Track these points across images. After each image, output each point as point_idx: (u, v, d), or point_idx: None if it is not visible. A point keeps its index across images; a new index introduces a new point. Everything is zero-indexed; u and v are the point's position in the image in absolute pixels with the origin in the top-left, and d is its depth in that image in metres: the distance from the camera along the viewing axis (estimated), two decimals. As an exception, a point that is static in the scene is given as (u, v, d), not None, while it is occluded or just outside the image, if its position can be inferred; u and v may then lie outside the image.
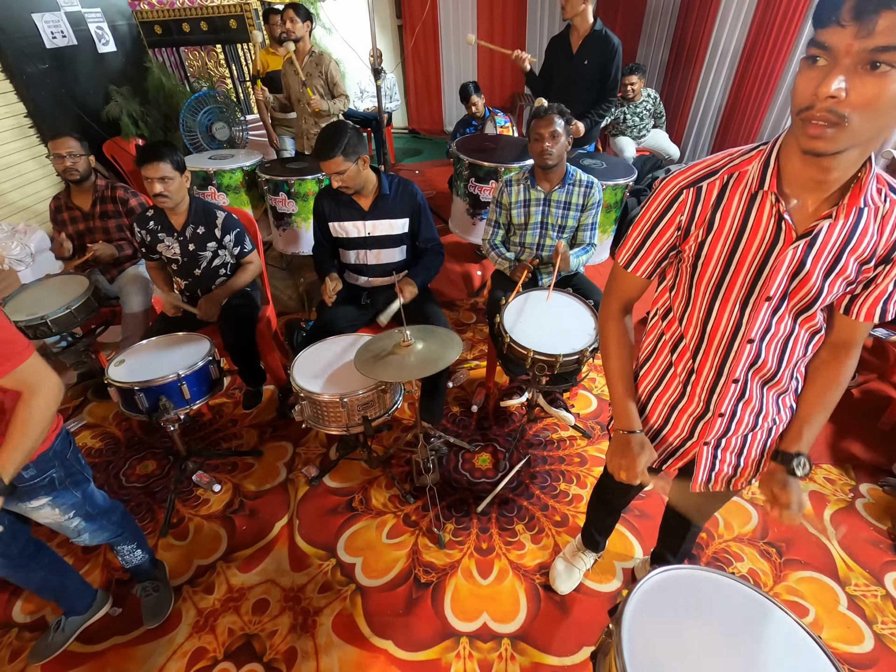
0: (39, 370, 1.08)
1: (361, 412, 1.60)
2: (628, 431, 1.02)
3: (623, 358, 1.04)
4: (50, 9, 3.53)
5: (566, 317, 1.78)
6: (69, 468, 1.27)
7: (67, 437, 1.28)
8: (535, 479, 2.01)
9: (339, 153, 1.77)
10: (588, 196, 2.03)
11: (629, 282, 0.99)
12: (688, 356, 0.98)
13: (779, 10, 3.64)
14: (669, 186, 0.86)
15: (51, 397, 1.10)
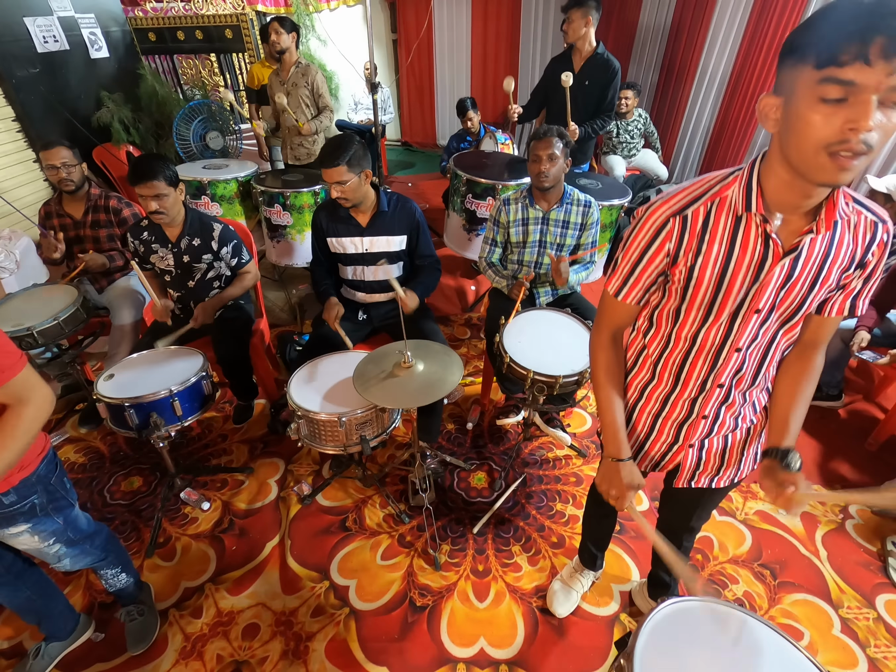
0: (32, 382, 1.03)
1: (359, 431, 1.57)
2: (617, 459, 1.04)
3: (613, 387, 1.05)
4: (43, 13, 3.49)
5: (565, 337, 1.78)
6: (52, 493, 1.21)
7: (54, 459, 1.23)
8: (532, 498, 2.00)
9: (344, 163, 1.77)
10: (587, 215, 2.05)
11: (620, 310, 1.00)
12: (674, 368, 1.01)
13: (765, 39, 3.76)
14: (655, 215, 0.87)
15: (41, 409, 1.05)
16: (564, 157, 1.95)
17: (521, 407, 2.26)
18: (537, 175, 1.96)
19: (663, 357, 1.02)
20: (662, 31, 5.01)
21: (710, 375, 0.98)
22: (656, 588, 1.57)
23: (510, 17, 5.79)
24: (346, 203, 1.87)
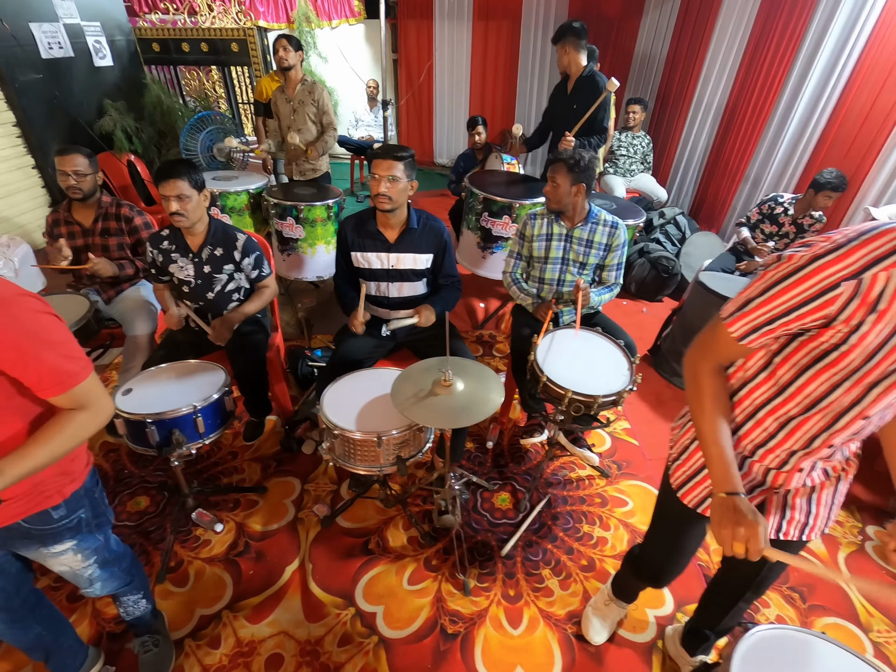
0: (95, 392, 0.98)
1: (396, 452, 1.53)
2: (732, 493, 0.91)
3: (720, 416, 0.96)
4: (49, 19, 3.44)
5: (598, 356, 1.78)
6: (96, 508, 1.16)
7: (96, 473, 1.17)
8: (557, 520, 1.97)
9: (402, 161, 1.77)
10: (613, 237, 2.06)
11: (736, 351, 0.92)
12: (781, 419, 0.93)
13: (762, 70, 3.91)
14: (825, 273, 0.76)
15: (96, 419, 0.99)
16: (570, 183, 1.95)
17: (544, 426, 2.23)
18: (546, 196, 2.03)
19: (770, 405, 0.94)
20: (658, 60, 5.19)
21: (823, 434, 0.90)
22: (694, 640, 1.49)
23: (509, 39, 5.93)
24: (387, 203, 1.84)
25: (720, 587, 1.39)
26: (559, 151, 2.00)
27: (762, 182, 3.97)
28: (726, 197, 4.35)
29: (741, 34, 4.10)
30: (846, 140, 3.31)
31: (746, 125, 4.12)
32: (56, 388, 0.92)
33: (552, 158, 2.01)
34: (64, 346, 0.94)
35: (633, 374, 1.67)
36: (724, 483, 0.92)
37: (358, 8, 6.14)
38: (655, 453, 2.31)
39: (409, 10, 5.92)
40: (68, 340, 0.95)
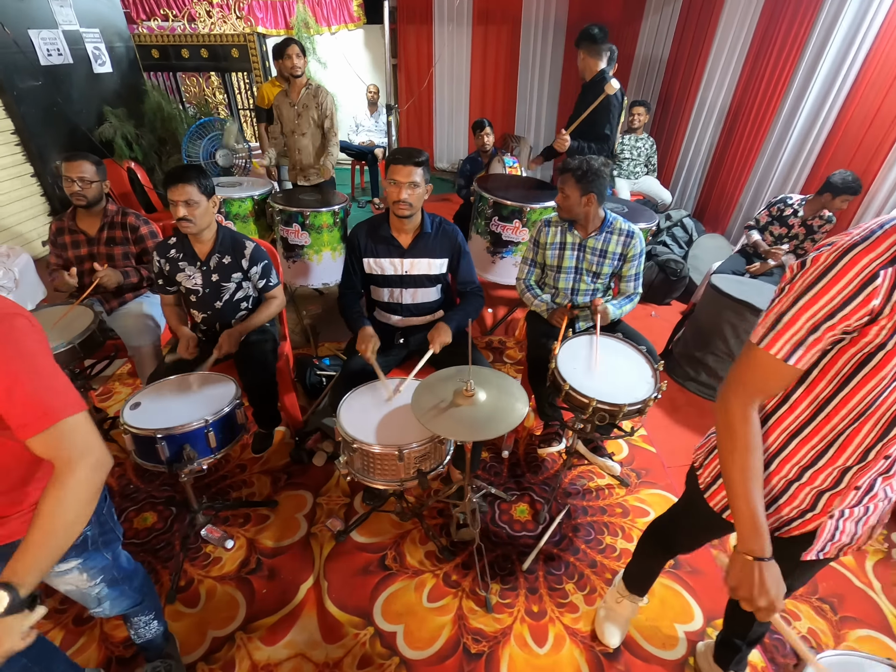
0: (82, 437, 0.81)
1: (417, 465, 1.47)
2: (759, 559, 0.86)
3: (756, 470, 0.88)
4: (47, 26, 3.39)
5: (620, 363, 1.73)
6: (103, 525, 1.09)
7: (105, 490, 1.10)
8: (578, 531, 1.92)
9: (420, 167, 1.73)
10: (629, 246, 2.00)
11: (784, 375, 0.83)
12: (828, 437, 0.87)
13: (765, 72, 3.89)
14: (859, 266, 0.72)
15: (94, 479, 0.83)
16: (579, 194, 1.90)
17: (561, 434, 2.18)
18: (557, 205, 1.99)
19: (812, 424, 0.88)
20: (660, 62, 5.18)
21: (877, 445, 0.84)
22: (726, 652, 1.44)
23: (509, 43, 5.92)
24: (407, 210, 1.79)
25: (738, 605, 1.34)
26: (567, 161, 1.95)
27: (768, 184, 3.94)
28: (731, 198, 4.33)
29: (744, 36, 4.09)
30: (853, 141, 3.29)
31: (751, 127, 4.10)
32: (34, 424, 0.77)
33: (561, 168, 1.97)
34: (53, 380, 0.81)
35: (658, 380, 1.62)
36: (751, 544, 0.86)
37: (357, 13, 6.12)
38: (674, 460, 2.26)
39: (408, 16, 5.91)
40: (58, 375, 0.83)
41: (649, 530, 1.45)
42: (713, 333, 2.66)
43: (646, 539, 1.47)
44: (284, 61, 3.10)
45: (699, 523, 1.22)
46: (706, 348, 2.71)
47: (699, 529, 1.25)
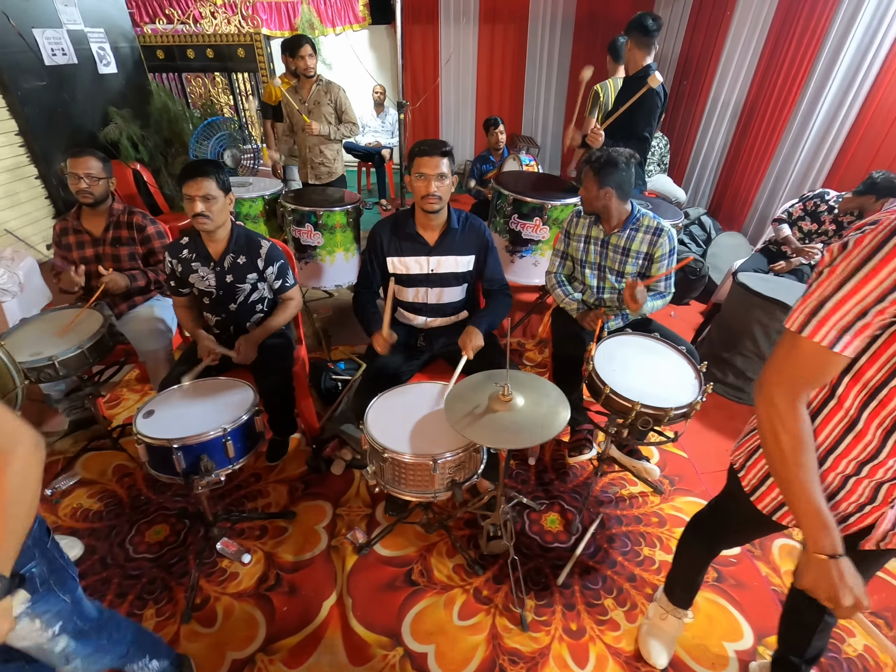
0: (8, 426, 0.81)
1: (451, 475, 1.38)
2: (833, 556, 0.81)
3: (810, 462, 0.82)
4: (52, 25, 3.32)
5: (660, 364, 1.64)
6: (52, 561, 0.96)
7: (44, 522, 0.99)
8: (614, 542, 1.82)
9: (447, 157, 1.65)
10: (655, 245, 1.88)
11: (828, 363, 0.78)
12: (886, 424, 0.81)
13: (782, 66, 3.81)
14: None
15: (31, 459, 0.83)
16: (596, 187, 1.82)
17: (591, 440, 2.09)
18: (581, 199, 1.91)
19: (864, 415, 0.82)
20: (671, 59, 5.10)
21: None
22: None
23: (516, 43, 5.85)
24: (437, 203, 1.71)
25: (800, 603, 1.26)
26: (591, 152, 1.87)
27: (785, 182, 3.85)
28: (747, 196, 4.24)
29: (759, 29, 4.01)
30: (877, 137, 3.19)
31: (767, 123, 4.01)
32: None
33: (585, 159, 1.89)
34: None
35: (703, 382, 1.53)
36: (822, 542, 0.81)
37: (363, 13, 6.06)
38: (707, 466, 2.16)
39: (414, 15, 5.83)
40: None
41: (690, 525, 1.38)
42: (741, 333, 2.57)
43: (687, 535, 1.39)
44: (297, 62, 3.02)
45: (746, 522, 1.16)
46: (734, 349, 2.61)
47: (746, 527, 1.19)
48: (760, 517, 1.04)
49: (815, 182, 3.63)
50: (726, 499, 1.21)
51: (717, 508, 1.27)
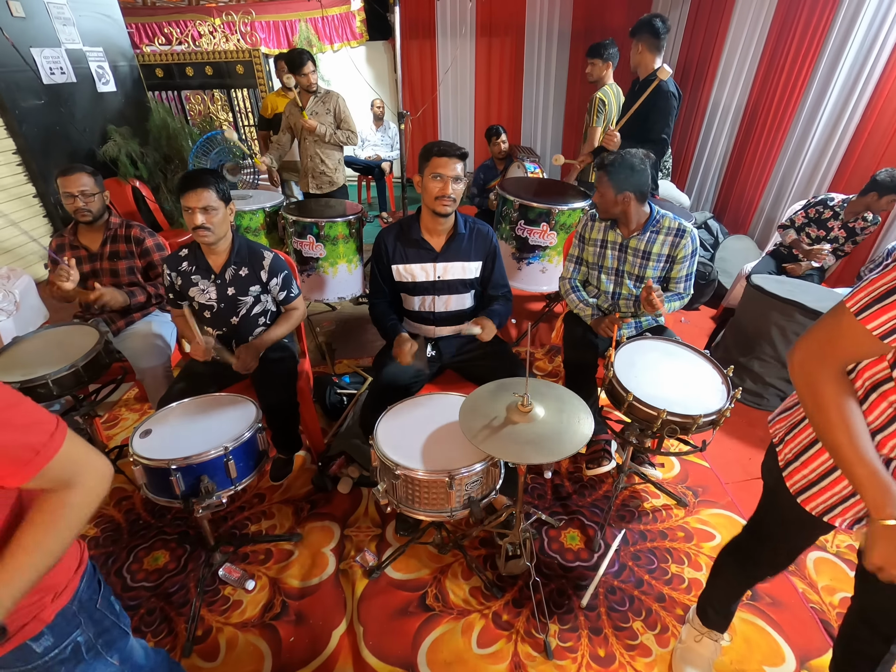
0: (77, 456, 0.72)
1: (468, 492, 1.29)
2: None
3: (858, 428, 0.80)
4: (51, 44, 3.32)
5: (683, 369, 1.55)
6: (100, 623, 0.86)
7: (95, 574, 0.88)
8: (639, 560, 1.72)
9: (463, 161, 1.60)
10: (677, 247, 1.82)
11: (871, 349, 0.78)
12: None
13: (783, 68, 3.79)
14: None
15: (94, 492, 0.73)
16: (613, 192, 1.76)
17: (609, 451, 1.99)
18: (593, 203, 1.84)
19: None
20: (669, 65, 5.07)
21: None
22: None
23: (513, 56, 5.88)
24: (450, 206, 1.65)
25: (861, 631, 1.13)
26: (602, 157, 1.81)
27: (791, 183, 3.80)
28: (752, 200, 4.19)
29: (759, 31, 4.00)
30: (883, 137, 3.14)
31: (770, 125, 3.98)
32: (23, 471, 0.66)
33: (597, 163, 1.83)
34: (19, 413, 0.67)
35: (731, 387, 1.45)
36: (889, 507, 0.77)
37: (360, 29, 6.11)
38: (731, 475, 2.06)
39: (411, 31, 5.86)
40: (21, 403, 0.68)
41: (727, 550, 1.29)
42: (758, 337, 2.49)
43: (723, 559, 1.30)
44: (300, 78, 3.02)
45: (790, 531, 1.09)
46: (751, 353, 2.53)
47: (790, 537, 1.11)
48: (807, 522, 0.99)
49: (822, 183, 3.58)
50: (767, 508, 1.13)
51: (756, 525, 1.18)
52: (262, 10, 5.83)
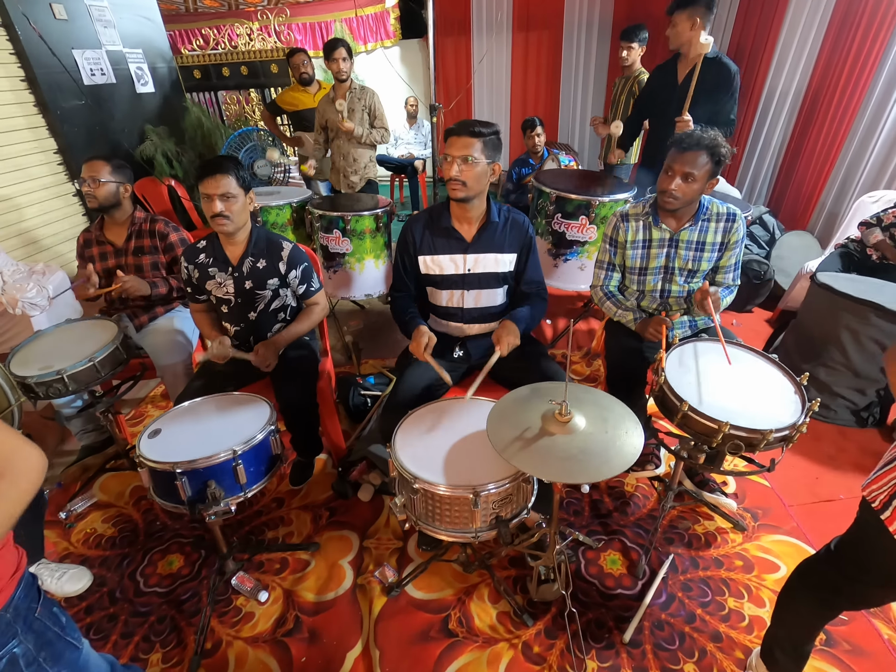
0: (5, 446, 0.71)
1: (496, 511, 1.14)
2: None
3: None
4: (91, 46, 3.38)
5: (747, 375, 1.35)
6: (41, 634, 0.78)
7: (34, 582, 0.81)
8: (690, 590, 1.52)
9: (480, 139, 1.44)
10: (730, 232, 1.66)
11: None
12: None
13: (849, 53, 3.46)
14: None
15: (24, 485, 0.71)
16: (707, 178, 1.55)
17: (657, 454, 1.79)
18: (663, 192, 1.60)
19: None
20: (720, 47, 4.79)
21: None
22: None
23: (551, 49, 5.70)
24: (460, 191, 1.49)
25: None
26: (689, 135, 1.55)
27: (858, 175, 3.46)
28: (811, 193, 3.86)
29: (822, 11, 3.67)
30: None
31: (833, 112, 3.65)
32: None
33: (680, 142, 1.55)
34: None
35: (806, 398, 1.24)
36: None
37: (394, 27, 6.06)
38: (795, 497, 1.83)
39: (446, 28, 5.76)
40: None
41: (799, 574, 1.11)
42: (826, 342, 2.22)
43: (794, 587, 1.11)
44: (331, 64, 2.95)
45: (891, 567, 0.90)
46: (816, 359, 2.27)
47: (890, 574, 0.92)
48: None
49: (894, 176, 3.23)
50: (859, 537, 0.96)
51: (842, 550, 0.99)
52: (297, 11, 5.87)
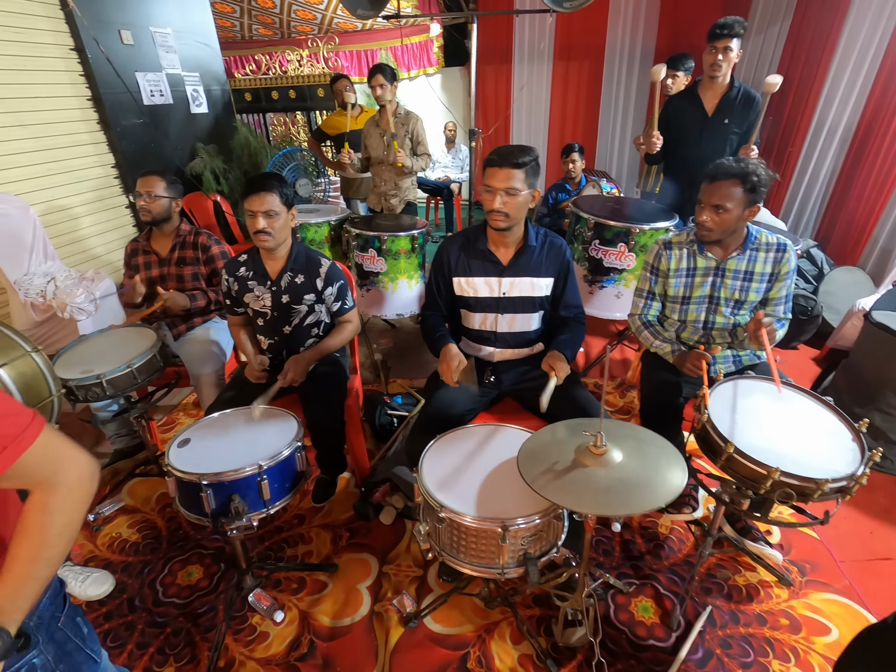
0: (54, 454, 0.69)
1: (524, 548, 1.09)
2: None
3: None
4: (153, 69, 3.59)
5: (800, 418, 1.27)
6: (62, 644, 0.77)
7: (61, 589, 0.80)
8: (730, 648, 1.40)
9: (522, 169, 1.43)
10: (781, 262, 1.59)
11: None
12: None
13: (906, 85, 3.35)
14: None
15: (79, 493, 0.71)
16: (744, 207, 1.49)
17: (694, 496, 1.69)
18: (698, 226, 1.56)
19: None
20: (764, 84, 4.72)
21: None
22: None
23: (591, 79, 5.73)
24: (504, 221, 1.49)
25: None
26: (723, 165, 1.50)
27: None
28: (863, 228, 3.69)
29: (876, 44, 3.58)
30: None
31: (888, 147, 3.51)
32: None
33: (713, 173, 1.51)
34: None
35: (866, 447, 1.15)
36: None
37: (437, 55, 6.24)
38: (847, 552, 1.69)
39: (488, 57, 5.90)
40: None
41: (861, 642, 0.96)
42: (881, 385, 2.09)
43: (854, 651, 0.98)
44: (372, 89, 3.04)
45: None
46: (870, 404, 2.13)
47: None
48: None
49: (956, 211, 3.07)
50: None
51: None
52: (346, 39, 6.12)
